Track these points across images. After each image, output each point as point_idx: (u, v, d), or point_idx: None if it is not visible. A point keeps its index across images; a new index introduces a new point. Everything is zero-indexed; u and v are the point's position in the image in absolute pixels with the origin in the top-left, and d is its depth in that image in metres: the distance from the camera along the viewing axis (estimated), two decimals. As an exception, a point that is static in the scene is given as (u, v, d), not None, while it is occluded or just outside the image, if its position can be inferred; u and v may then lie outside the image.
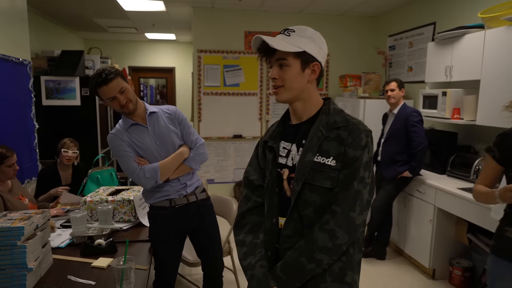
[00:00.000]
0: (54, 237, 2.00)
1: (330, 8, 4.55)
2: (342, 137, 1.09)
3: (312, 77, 1.14)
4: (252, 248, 1.19)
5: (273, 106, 4.97)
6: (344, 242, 1.06)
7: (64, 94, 4.37)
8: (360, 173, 1.08)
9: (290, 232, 1.13)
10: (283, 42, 1.09)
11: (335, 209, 1.06)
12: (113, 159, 5.69)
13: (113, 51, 7.01)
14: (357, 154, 1.08)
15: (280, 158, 1.19)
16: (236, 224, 1.28)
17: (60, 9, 4.67)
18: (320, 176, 1.09)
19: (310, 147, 1.11)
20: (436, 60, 3.26)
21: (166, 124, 1.92)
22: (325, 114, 1.15)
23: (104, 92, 1.75)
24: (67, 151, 2.76)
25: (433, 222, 2.87)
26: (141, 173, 1.81)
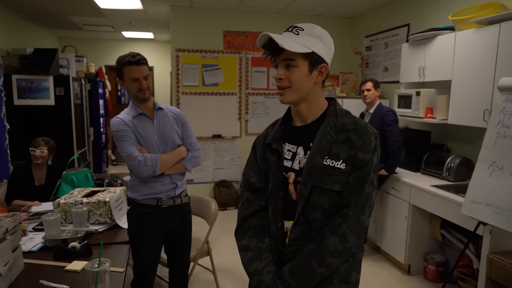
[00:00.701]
0: (26, 241, 1.93)
1: (308, 9, 4.61)
2: (352, 140, 1.07)
3: (319, 79, 1.10)
4: (258, 253, 1.16)
5: (252, 106, 4.98)
6: (354, 245, 1.06)
7: (37, 93, 4.24)
8: (370, 176, 1.07)
9: (296, 236, 1.12)
10: (291, 41, 1.05)
11: (348, 212, 1.05)
12: (89, 160, 5.57)
13: (89, 49, 6.84)
14: (367, 157, 1.07)
15: (285, 161, 1.16)
16: (238, 228, 1.24)
17: (33, 5, 4.52)
18: (329, 179, 1.07)
19: (318, 150, 1.08)
20: (410, 60, 3.35)
21: (171, 122, 2.00)
22: (332, 115, 1.12)
23: (131, 71, 1.85)
24: (34, 150, 2.70)
25: (408, 219, 2.95)
26: (142, 160, 1.85)
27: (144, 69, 1.88)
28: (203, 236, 2.60)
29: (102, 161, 6.16)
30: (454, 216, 2.48)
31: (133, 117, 1.93)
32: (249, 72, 4.90)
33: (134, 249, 1.98)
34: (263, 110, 5.04)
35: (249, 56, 4.86)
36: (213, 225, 2.59)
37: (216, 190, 4.89)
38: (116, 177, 2.98)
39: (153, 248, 2.01)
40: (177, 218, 2.03)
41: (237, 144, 5.01)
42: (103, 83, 6.27)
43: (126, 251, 1.88)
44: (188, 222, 2.13)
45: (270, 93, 5.01)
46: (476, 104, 2.60)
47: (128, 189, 2.04)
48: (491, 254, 2.09)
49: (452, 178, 2.85)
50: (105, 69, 7.01)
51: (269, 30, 4.38)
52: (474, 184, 2.11)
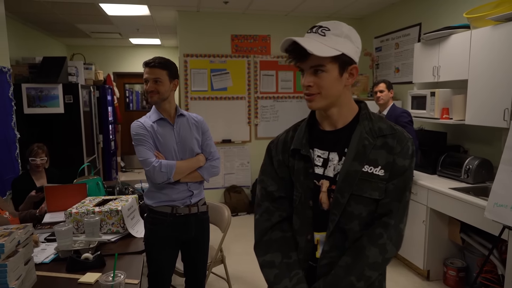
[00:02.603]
0: (38, 252, 1.89)
1: (316, 10, 4.56)
2: (391, 145, 1.02)
3: (350, 81, 1.04)
4: (285, 269, 1.07)
5: (261, 110, 4.93)
6: (392, 255, 1.02)
7: (47, 101, 4.25)
8: (410, 183, 1.04)
9: (329, 247, 1.05)
10: (318, 44, 0.97)
11: (389, 221, 1.00)
12: (99, 167, 5.57)
13: (97, 57, 6.88)
14: (406, 163, 1.02)
15: (316, 168, 1.08)
16: (258, 242, 1.13)
17: (41, 15, 4.55)
18: (368, 187, 1.01)
19: (356, 156, 1.02)
20: (423, 60, 3.27)
21: (191, 129, 1.98)
22: (366, 119, 1.06)
23: (144, 71, 1.88)
24: (35, 159, 2.77)
25: (426, 222, 2.86)
26: (158, 166, 1.82)
27: (156, 72, 1.86)
28: (216, 244, 2.55)
29: (112, 168, 6.16)
30: (475, 220, 2.40)
31: (153, 122, 1.91)
32: (257, 76, 4.86)
33: (148, 256, 1.96)
34: (273, 114, 4.99)
35: (258, 60, 4.82)
36: (226, 232, 2.54)
37: (227, 195, 4.84)
38: (127, 185, 2.95)
39: (167, 256, 1.97)
40: (194, 227, 1.98)
41: (247, 148, 4.97)
42: (111, 90, 6.28)
43: (140, 261, 1.84)
44: (206, 231, 2.08)
45: (279, 96, 4.96)
46: (495, 103, 2.52)
47: (144, 195, 2.01)
48: (517, 260, 2.00)
49: (471, 180, 2.76)
50: (113, 76, 7.05)
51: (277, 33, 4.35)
52: (498, 186, 2.03)
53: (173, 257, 2.02)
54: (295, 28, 4.80)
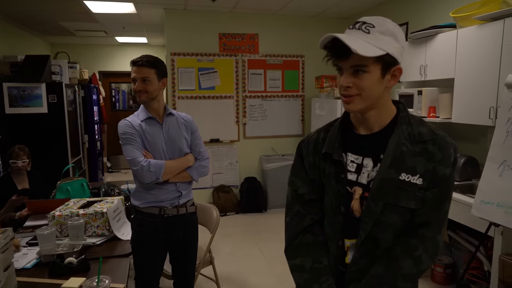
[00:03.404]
0: (19, 257, 1.83)
1: (304, 9, 4.55)
2: (431, 152, 0.96)
3: (392, 83, 0.96)
4: (315, 275, 1.04)
5: (249, 109, 4.91)
6: (428, 267, 0.98)
7: (30, 101, 4.14)
8: (450, 193, 0.99)
9: (359, 255, 1.02)
10: (363, 42, 0.90)
11: (426, 233, 0.96)
12: (85, 168, 5.46)
13: (82, 55, 6.74)
14: (447, 172, 0.96)
15: (349, 174, 1.03)
16: (289, 246, 1.11)
17: (22, 11, 4.42)
18: (404, 196, 0.96)
19: (392, 162, 0.96)
20: (411, 59, 3.29)
21: (180, 129, 1.95)
22: (404, 123, 0.99)
23: (132, 70, 1.84)
24: (16, 162, 2.69)
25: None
26: (146, 166, 1.79)
27: (144, 71, 1.82)
28: (205, 245, 2.52)
29: (98, 168, 6.06)
30: (461, 217, 2.42)
31: (142, 121, 1.87)
32: (246, 74, 4.83)
33: (135, 259, 1.92)
34: (261, 113, 4.97)
35: (246, 59, 4.79)
36: (215, 233, 2.51)
37: (215, 195, 4.80)
38: (113, 186, 2.89)
39: (155, 258, 1.94)
40: (182, 229, 1.95)
41: (235, 148, 4.94)
42: (97, 89, 6.17)
43: (126, 264, 1.79)
44: (194, 232, 2.05)
45: (268, 95, 4.94)
46: (481, 101, 2.55)
47: (131, 196, 1.96)
48: (503, 256, 2.03)
49: (458, 177, 2.79)
50: (99, 75, 6.91)
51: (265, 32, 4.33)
52: (484, 184, 2.05)
53: (161, 259, 1.98)
54: (283, 27, 4.79)
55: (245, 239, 3.91)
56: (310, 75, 4.99)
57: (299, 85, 5.03)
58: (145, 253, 1.91)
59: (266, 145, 5.03)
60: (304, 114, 5.10)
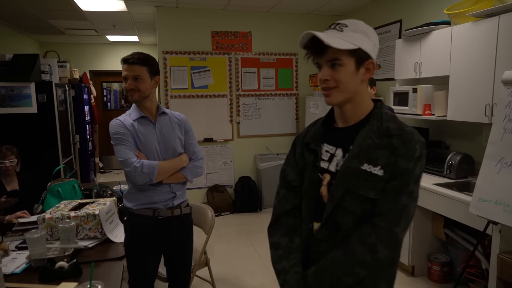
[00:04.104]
0: (8, 262, 1.77)
1: (297, 7, 4.52)
2: (395, 146, 1.01)
3: (366, 77, 1.05)
4: (287, 252, 1.15)
5: (243, 107, 4.87)
6: (385, 257, 0.99)
7: (19, 101, 4.04)
8: (410, 187, 1.00)
9: (322, 237, 1.09)
10: (337, 38, 0.99)
11: (379, 223, 0.99)
12: (76, 168, 5.37)
13: (72, 54, 6.62)
14: (409, 166, 0.99)
15: (322, 162, 1.12)
16: (271, 225, 1.23)
17: (9, 9, 4.32)
18: (364, 185, 1.02)
19: (357, 153, 1.03)
20: (405, 57, 3.28)
21: (174, 128, 1.90)
22: (376, 118, 1.06)
23: (123, 68, 1.78)
24: (3, 162, 2.62)
25: (410, 218, 2.87)
26: (139, 167, 1.73)
27: (136, 69, 1.76)
28: (200, 246, 2.48)
29: (90, 169, 5.97)
30: (458, 215, 2.41)
31: (134, 120, 1.81)
32: (239, 73, 4.79)
33: (129, 262, 1.87)
34: (255, 111, 4.93)
35: (239, 57, 4.75)
36: (210, 234, 2.47)
37: (210, 195, 4.76)
38: (105, 187, 2.83)
39: (149, 261, 1.89)
40: (176, 230, 1.90)
41: (230, 147, 4.89)
42: (88, 89, 6.07)
43: (119, 268, 1.75)
44: (189, 234, 2.00)
45: (261, 94, 4.90)
46: (477, 98, 2.54)
47: (124, 197, 1.90)
48: (501, 254, 2.02)
49: (454, 175, 2.78)
50: (90, 74, 6.80)
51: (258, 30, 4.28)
52: (482, 181, 2.04)
53: (156, 262, 1.93)
54: (276, 25, 4.75)
55: (240, 239, 3.87)
56: (304, 73, 4.96)
57: (293, 84, 5.00)
58: (139, 256, 1.86)
59: (260, 144, 4.99)
60: (298, 112, 5.08)
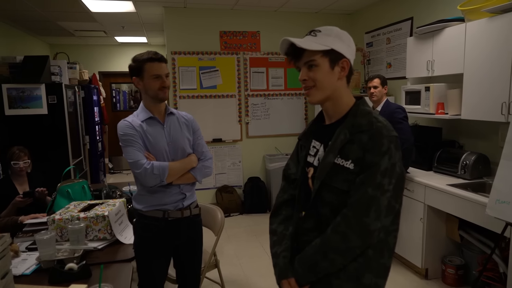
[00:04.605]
0: (18, 263, 1.77)
1: (306, 6, 4.48)
2: (364, 141, 1.07)
3: (342, 75, 1.13)
4: (281, 238, 1.26)
5: (252, 107, 4.84)
6: (357, 246, 1.07)
7: (29, 102, 4.07)
8: (377, 179, 1.05)
9: (309, 226, 1.18)
10: (310, 42, 1.10)
11: (346, 212, 1.07)
12: (86, 169, 5.39)
13: (82, 56, 6.67)
14: (375, 159, 1.05)
15: (309, 156, 1.23)
16: (272, 213, 1.35)
17: (20, 12, 4.35)
18: (338, 178, 1.10)
19: (332, 148, 1.12)
20: (417, 55, 3.22)
21: (182, 129, 1.89)
22: (352, 115, 1.13)
23: (153, 68, 1.75)
24: (17, 163, 2.63)
25: (423, 220, 2.81)
26: (150, 168, 1.71)
27: (166, 67, 1.80)
28: (210, 247, 2.45)
29: (100, 169, 5.99)
30: (473, 217, 2.35)
31: (142, 121, 1.79)
32: (248, 73, 4.76)
33: (139, 265, 1.85)
34: (264, 111, 4.90)
35: (247, 57, 4.72)
36: (220, 235, 2.45)
37: (219, 196, 4.74)
38: (115, 188, 2.82)
39: (159, 263, 1.87)
40: (186, 232, 1.89)
41: (238, 147, 4.87)
42: (97, 90, 6.10)
43: (129, 270, 1.73)
44: (199, 235, 1.98)
45: (270, 94, 4.87)
46: (492, 97, 2.47)
47: (133, 199, 1.88)
48: (520, 257, 1.95)
49: (468, 176, 2.71)
50: (99, 75, 6.85)
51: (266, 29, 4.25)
52: (499, 182, 1.97)
53: (166, 264, 1.91)
54: (285, 24, 4.71)
55: (250, 240, 3.84)
56: (313, 72, 4.90)
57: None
58: (150, 258, 1.84)
59: (269, 144, 4.95)
60: (307, 112, 5.03)
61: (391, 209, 1.08)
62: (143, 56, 1.76)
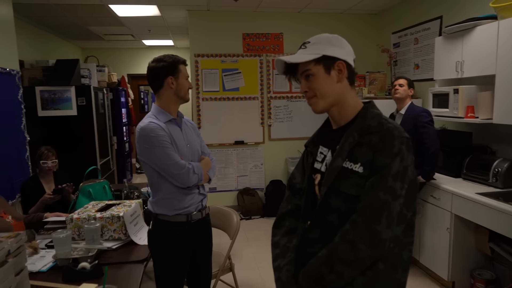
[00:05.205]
0: (37, 260, 1.82)
1: (330, 6, 4.39)
2: (373, 143, 1.02)
3: (341, 77, 1.09)
4: (284, 251, 1.21)
5: (274, 110, 4.80)
6: (367, 256, 0.98)
7: (60, 104, 4.24)
8: (389, 183, 0.98)
9: (315, 236, 1.11)
10: (300, 55, 1.10)
11: (356, 219, 0.99)
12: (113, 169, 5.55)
13: (111, 59, 6.90)
14: (386, 161, 0.99)
15: (316, 163, 1.19)
16: (275, 224, 1.30)
17: (53, 18, 4.56)
18: (346, 182, 1.04)
19: (340, 152, 1.07)
20: (445, 55, 3.06)
21: (193, 131, 1.94)
22: (361, 118, 1.09)
23: (185, 69, 1.83)
24: (46, 162, 2.74)
25: (450, 230, 2.66)
26: (192, 168, 1.73)
27: None
28: (225, 251, 2.43)
29: (126, 169, 6.15)
30: (506, 228, 2.19)
31: (164, 123, 1.77)
32: (270, 75, 4.73)
33: (158, 268, 1.82)
34: (286, 114, 4.85)
35: (270, 59, 4.69)
36: (235, 239, 2.42)
37: (240, 198, 4.73)
38: (134, 188, 2.87)
39: (180, 267, 1.83)
40: (204, 232, 1.90)
41: (261, 150, 4.84)
42: (125, 92, 6.27)
43: (140, 271, 1.74)
44: (210, 234, 1.99)
45: (293, 96, 4.81)
46: (527, 100, 2.30)
47: (153, 204, 1.82)
48: (555, 274, 1.79)
49: (500, 184, 2.54)
50: (128, 77, 7.05)
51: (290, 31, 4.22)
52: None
53: (185, 267, 1.87)
54: (308, 26, 4.65)
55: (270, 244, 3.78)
56: (337, 74, 4.80)
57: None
58: (171, 262, 1.80)
59: (292, 147, 4.89)
60: (331, 115, 4.92)
61: (403, 217, 1.00)
62: (176, 57, 1.80)
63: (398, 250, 1.03)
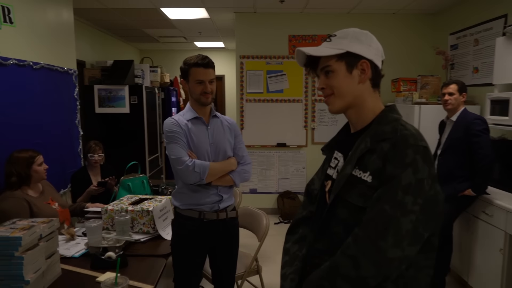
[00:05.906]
0: (72, 246, 1.96)
1: (382, 6, 4.19)
2: (385, 150, 0.92)
3: (363, 78, 1.00)
4: (292, 259, 1.17)
5: (319, 113, 4.69)
6: (370, 276, 0.87)
7: (115, 102, 4.53)
8: (398, 196, 0.87)
9: (321, 247, 1.05)
10: (323, 48, 1.02)
11: (358, 232, 0.91)
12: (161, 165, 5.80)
13: (165, 60, 7.22)
14: (396, 172, 0.89)
15: (329, 169, 1.12)
16: (289, 230, 1.26)
17: (112, 21, 4.89)
18: (354, 192, 0.96)
19: (351, 159, 1.00)
20: (507, 58, 2.76)
21: (225, 132, 1.92)
22: (376, 123, 1.00)
23: (198, 73, 1.78)
24: (93, 156, 2.92)
25: (504, 251, 2.38)
26: (191, 166, 1.75)
27: (211, 73, 1.81)
28: (252, 252, 2.42)
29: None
30: None
31: (188, 120, 1.84)
32: (315, 77, 4.62)
33: (175, 261, 1.90)
34: (331, 117, 4.71)
35: (316, 61, 4.59)
36: (263, 241, 2.40)
37: (280, 201, 4.68)
38: (171, 185, 2.97)
39: (193, 262, 1.89)
40: (221, 234, 1.89)
41: (303, 153, 4.75)
42: (176, 92, 6.53)
43: (161, 265, 1.79)
44: (235, 239, 1.97)
45: (339, 99, 4.66)
46: None
47: (172, 196, 1.95)
48: None
49: None
50: (180, 78, 7.34)
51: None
52: None
53: (200, 263, 1.93)
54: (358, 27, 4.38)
55: (305, 249, 3.69)
56: (386, 77, 4.48)
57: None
58: (184, 256, 1.87)
59: (335, 152, 4.74)
60: (378, 120, 4.69)
61: (417, 237, 0.87)
62: (191, 60, 1.81)
63: (413, 272, 0.92)
